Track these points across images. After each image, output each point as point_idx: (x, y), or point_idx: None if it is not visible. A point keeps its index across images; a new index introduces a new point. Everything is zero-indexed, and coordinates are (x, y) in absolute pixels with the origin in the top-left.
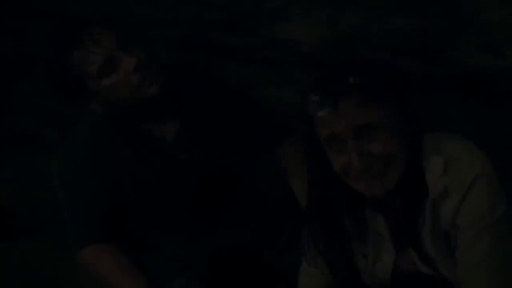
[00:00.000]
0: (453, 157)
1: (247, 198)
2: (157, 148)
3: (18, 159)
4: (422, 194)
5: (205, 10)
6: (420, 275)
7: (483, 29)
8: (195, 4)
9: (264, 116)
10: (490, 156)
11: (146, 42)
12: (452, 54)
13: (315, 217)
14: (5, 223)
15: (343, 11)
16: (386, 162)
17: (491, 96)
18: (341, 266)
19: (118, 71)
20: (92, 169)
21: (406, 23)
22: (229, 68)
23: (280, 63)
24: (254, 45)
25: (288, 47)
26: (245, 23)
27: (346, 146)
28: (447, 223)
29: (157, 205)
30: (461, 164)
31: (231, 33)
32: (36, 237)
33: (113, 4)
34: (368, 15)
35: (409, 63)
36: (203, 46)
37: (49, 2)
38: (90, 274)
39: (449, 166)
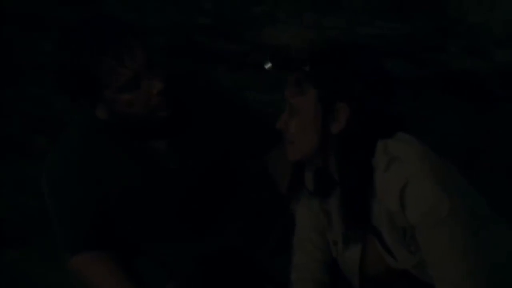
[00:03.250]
0: (394, 157)
1: (239, 203)
2: (149, 156)
3: (5, 166)
4: (368, 186)
5: (192, 16)
6: (387, 269)
7: (469, 32)
8: (183, 10)
9: (258, 122)
10: (476, 154)
11: None
12: (439, 56)
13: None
14: None
15: (329, 15)
16: (288, 139)
17: (478, 97)
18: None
19: (140, 90)
20: (82, 176)
21: (392, 26)
22: (218, 73)
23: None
24: (242, 50)
25: (276, 51)
26: (232, 28)
27: None
28: (398, 218)
29: (148, 212)
30: (399, 165)
31: (219, 38)
32: (24, 245)
33: (100, 11)
34: (354, 19)
35: (396, 65)
36: (191, 51)
37: (32, 6)
38: (80, 281)
39: (391, 164)
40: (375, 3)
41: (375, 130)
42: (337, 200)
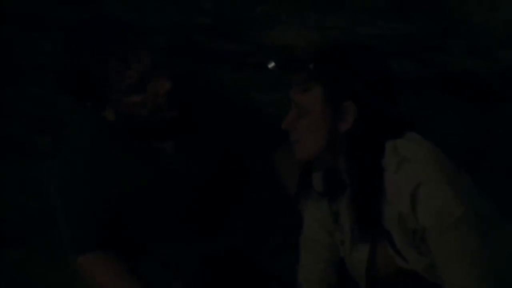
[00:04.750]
0: (405, 158)
1: (241, 203)
2: (155, 158)
3: (6, 166)
4: (378, 187)
5: (192, 16)
6: (397, 270)
7: (470, 32)
8: (183, 10)
9: (260, 122)
10: (476, 154)
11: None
12: (440, 56)
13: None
14: None
15: (329, 15)
16: (296, 139)
17: (478, 97)
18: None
19: (147, 91)
20: (88, 177)
21: (393, 26)
22: (218, 74)
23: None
24: (244, 50)
25: (278, 51)
26: (232, 28)
27: None
28: (409, 220)
29: (153, 213)
30: (410, 166)
31: (219, 38)
32: (25, 245)
33: (100, 11)
34: (354, 19)
35: (397, 65)
36: (191, 51)
37: (32, 6)
38: (81, 281)
39: (401, 166)
40: (376, 3)
41: (383, 130)
42: (346, 201)
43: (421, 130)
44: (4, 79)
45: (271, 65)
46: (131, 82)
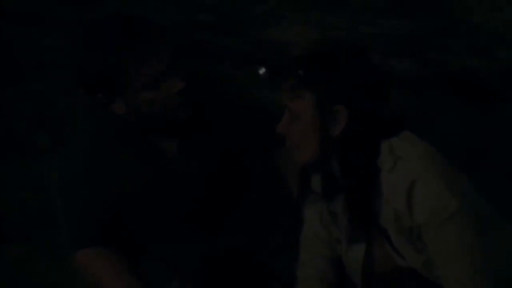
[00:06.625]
0: (399, 157)
1: (243, 204)
2: (158, 157)
3: (6, 164)
4: (372, 187)
5: (193, 14)
6: (396, 268)
7: (471, 32)
8: (183, 9)
9: (263, 121)
10: (476, 154)
11: None
12: (441, 55)
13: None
14: None
15: (331, 14)
16: (291, 144)
17: (478, 97)
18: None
19: (161, 89)
20: (89, 175)
21: (394, 25)
22: (220, 72)
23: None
24: (245, 48)
25: (279, 49)
26: (234, 26)
27: None
28: (405, 219)
29: (153, 212)
30: (404, 165)
31: (222, 36)
32: (25, 243)
33: (100, 10)
34: (356, 18)
35: (398, 64)
36: (193, 50)
37: (32, 6)
38: (84, 277)
39: (396, 165)
40: (377, 3)
41: (375, 131)
42: (343, 201)
43: (421, 130)
44: (4, 78)
45: (262, 71)
46: (148, 79)
